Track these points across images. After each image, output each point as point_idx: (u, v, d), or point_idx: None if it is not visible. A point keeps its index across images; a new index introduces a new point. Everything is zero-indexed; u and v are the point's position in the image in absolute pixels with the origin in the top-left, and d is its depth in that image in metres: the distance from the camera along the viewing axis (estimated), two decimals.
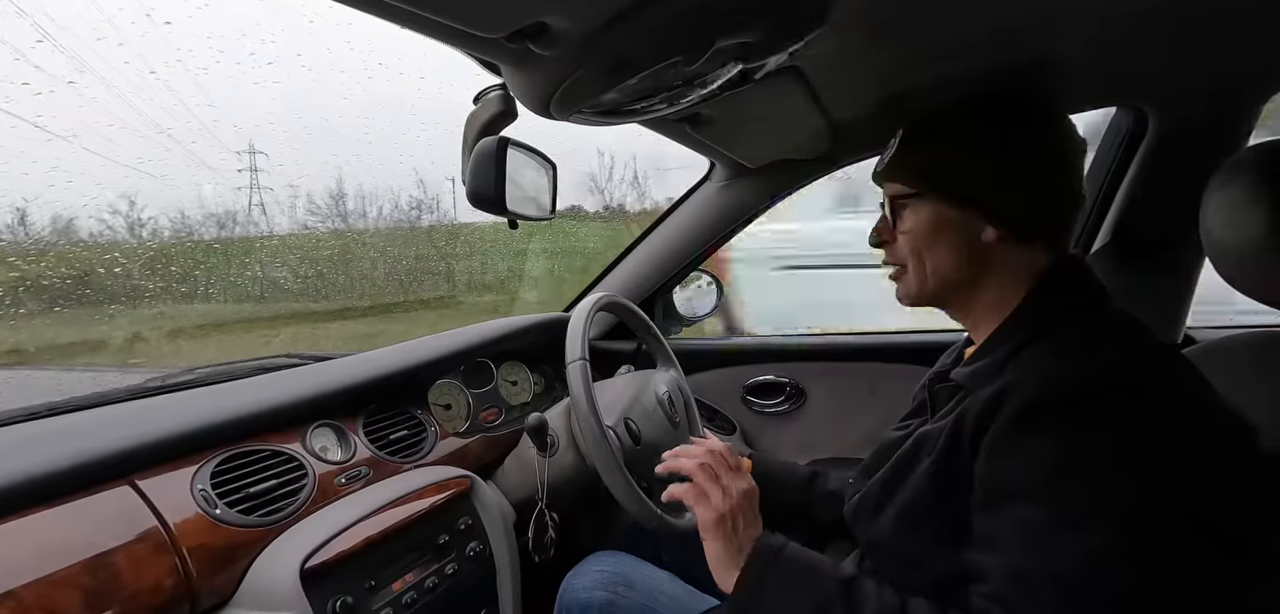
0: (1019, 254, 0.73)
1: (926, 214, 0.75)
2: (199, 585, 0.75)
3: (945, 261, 0.75)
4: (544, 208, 1.00)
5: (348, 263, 3.22)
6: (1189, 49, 0.88)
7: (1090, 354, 0.62)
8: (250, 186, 3.16)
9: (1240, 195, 0.73)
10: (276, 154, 3.19)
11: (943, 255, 0.75)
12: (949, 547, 0.67)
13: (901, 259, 0.78)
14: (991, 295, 0.74)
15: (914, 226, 0.76)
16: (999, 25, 0.76)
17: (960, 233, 0.73)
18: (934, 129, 0.76)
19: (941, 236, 0.74)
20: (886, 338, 1.62)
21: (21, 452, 0.74)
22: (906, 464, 0.74)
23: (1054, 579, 0.56)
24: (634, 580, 1.01)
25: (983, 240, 0.72)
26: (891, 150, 0.79)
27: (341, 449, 1.01)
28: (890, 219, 0.79)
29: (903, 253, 0.78)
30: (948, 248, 0.74)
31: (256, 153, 3.20)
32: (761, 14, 0.62)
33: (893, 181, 0.78)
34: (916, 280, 0.77)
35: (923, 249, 0.75)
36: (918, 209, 0.75)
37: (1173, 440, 0.57)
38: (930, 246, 0.75)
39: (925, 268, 0.76)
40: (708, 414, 1.60)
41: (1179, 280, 1.23)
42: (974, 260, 0.74)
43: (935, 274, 0.75)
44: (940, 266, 0.75)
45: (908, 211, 0.76)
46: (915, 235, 0.76)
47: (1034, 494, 0.58)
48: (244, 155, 3.17)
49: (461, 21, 0.56)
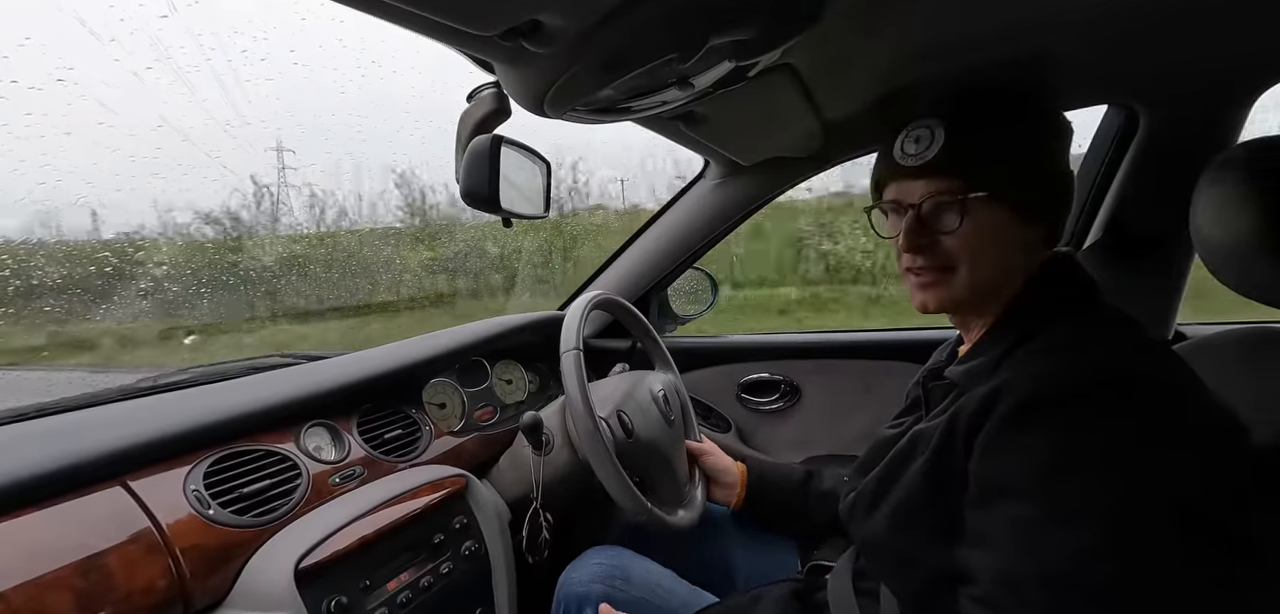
0: (1037, 252, 0.73)
1: (983, 216, 0.69)
2: (192, 586, 0.75)
3: (996, 266, 0.71)
4: (538, 206, 1.00)
5: (341, 261, 3.21)
6: (1179, 47, 0.89)
7: (1083, 351, 0.63)
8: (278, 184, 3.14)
9: (1230, 192, 0.73)
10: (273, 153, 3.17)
11: (995, 259, 0.70)
12: (942, 544, 0.67)
13: (945, 264, 0.72)
14: (1007, 296, 0.73)
15: (969, 229, 0.69)
16: (991, 24, 0.76)
17: (1011, 235, 0.70)
18: (984, 124, 0.71)
19: (997, 239, 0.70)
20: (879, 336, 1.63)
21: (11, 452, 0.73)
22: (901, 462, 0.74)
23: (1042, 579, 0.56)
24: (632, 575, 1.01)
25: (1026, 242, 0.70)
26: (936, 145, 0.71)
27: (336, 449, 1.01)
28: (923, 221, 0.72)
29: (949, 256, 0.71)
30: (1000, 251, 0.70)
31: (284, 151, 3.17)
32: (755, 12, 0.62)
33: (941, 178, 0.71)
34: (964, 286, 0.72)
35: (976, 252, 0.70)
36: (975, 211, 0.69)
37: (1165, 437, 0.57)
38: (983, 250, 0.70)
39: (973, 272, 0.71)
40: (703, 412, 1.60)
41: (1170, 277, 1.24)
42: (1016, 262, 0.71)
43: (983, 279, 0.71)
44: (990, 271, 0.71)
45: (956, 213, 0.70)
46: (969, 238, 0.70)
47: (1026, 492, 0.59)
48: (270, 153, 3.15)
49: (455, 19, 0.56)
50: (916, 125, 0.73)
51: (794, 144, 1.25)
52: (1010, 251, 0.71)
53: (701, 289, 1.77)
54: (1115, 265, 1.24)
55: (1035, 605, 0.56)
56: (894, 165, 0.75)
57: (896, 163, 0.74)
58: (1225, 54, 0.93)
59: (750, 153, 1.31)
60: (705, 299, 1.78)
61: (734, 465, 1.16)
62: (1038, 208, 0.71)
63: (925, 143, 0.71)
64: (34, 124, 1.43)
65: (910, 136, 0.73)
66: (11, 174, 1.55)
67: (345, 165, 3.49)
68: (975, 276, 0.71)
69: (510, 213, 0.89)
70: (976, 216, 0.69)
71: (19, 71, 1.33)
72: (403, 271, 3.42)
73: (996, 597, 0.59)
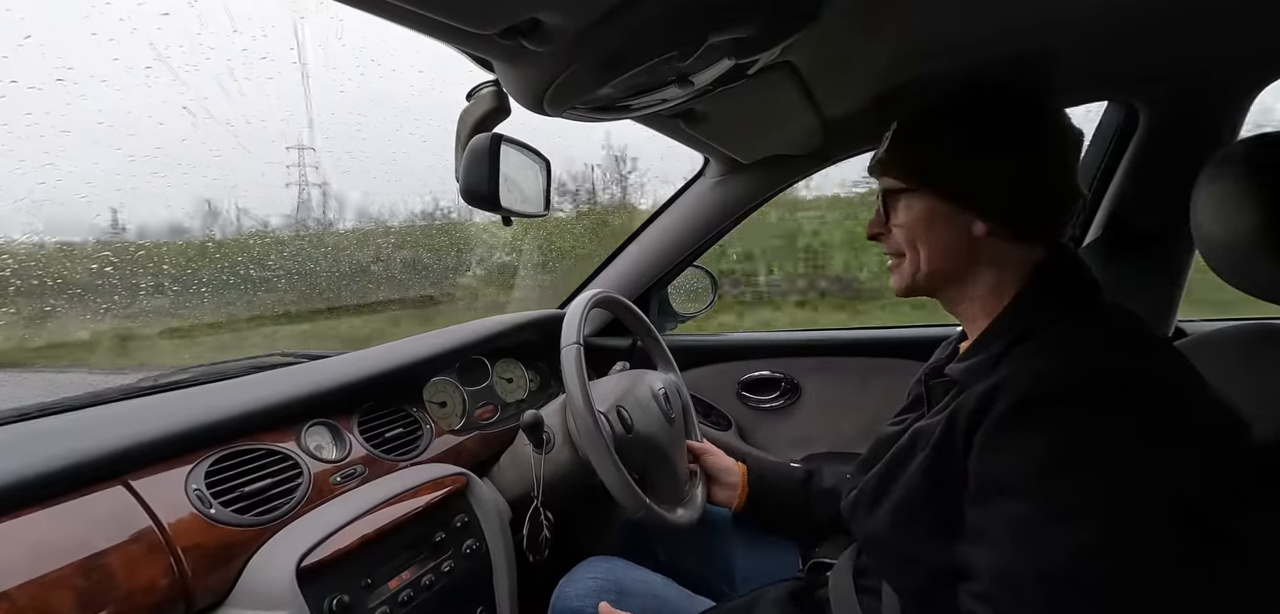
0: (1012, 249, 0.73)
1: (919, 208, 0.76)
2: (194, 585, 0.75)
3: (938, 254, 0.76)
4: (538, 204, 1.00)
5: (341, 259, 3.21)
6: (1178, 43, 0.89)
7: (1081, 349, 0.63)
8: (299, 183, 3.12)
9: (1230, 189, 0.73)
10: (274, 153, 3.16)
11: (935, 248, 0.76)
12: (943, 541, 0.67)
13: (897, 250, 0.80)
14: (984, 289, 0.75)
15: (907, 220, 0.77)
16: (990, 21, 0.76)
17: (951, 226, 0.74)
18: (925, 124, 0.77)
19: (933, 230, 0.76)
20: (879, 333, 1.63)
21: (14, 452, 0.73)
22: (902, 459, 0.74)
23: (1040, 577, 0.56)
24: (627, 586, 1.01)
25: (974, 234, 0.73)
26: (885, 145, 0.80)
27: (336, 448, 1.01)
28: (883, 212, 0.81)
29: (898, 243, 0.79)
30: (940, 241, 0.76)
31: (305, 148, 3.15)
32: (754, 10, 0.62)
33: (887, 175, 0.80)
34: (910, 271, 0.79)
35: (916, 241, 0.77)
36: (910, 203, 0.77)
37: (1164, 434, 0.57)
38: (923, 239, 0.77)
39: (919, 259, 0.77)
40: (703, 410, 1.61)
41: (1170, 274, 1.24)
42: (966, 254, 0.75)
43: (928, 266, 0.77)
44: (933, 259, 0.77)
45: (901, 205, 0.78)
46: (909, 228, 0.77)
47: (1025, 489, 0.59)
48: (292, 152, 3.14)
49: (454, 18, 0.56)
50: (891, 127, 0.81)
51: (794, 142, 1.25)
52: (955, 240, 0.75)
53: (702, 287, 1.77)
54: (1115, 262, 1.24)
55: (1033, 603, 0.57)
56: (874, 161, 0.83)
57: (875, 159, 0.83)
58: (1225, 50, 0.93)
59: (750, 150, 1.31)
60: (705, 297, 1.78)
61: (735, 465, 1.16)
62: (980, 200, 0.73)
63: (884, 142, 0.81)
64: (34, 123, 1.43)
65: (885, 135, 0.81)
66: (11, 173, 1.55)
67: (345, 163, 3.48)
68: (921, 262, 0.77)
69: (510, 211, 0.89)
70: (913, 207, 0.77)
71: (18, 71, 1.33)
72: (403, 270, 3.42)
73: (995, 594, 0.59)
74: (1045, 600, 0.56)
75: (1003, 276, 0.74)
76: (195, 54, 2.01)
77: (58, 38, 1.57)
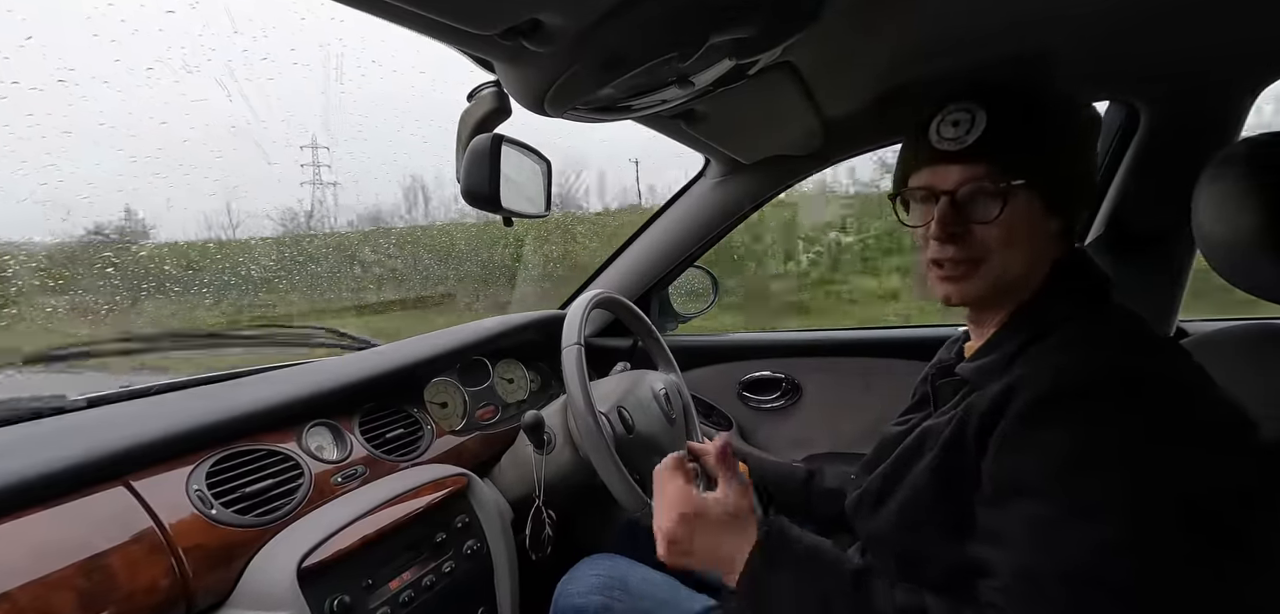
0: (1054, 246, 0.71)
1: (1020, 208, 0.67)
2: (195, 586, 0.75)
3: (1027, 259, 0.69)
4: (538, 205, 1.00)
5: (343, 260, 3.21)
6: (1180, 43, 0.89)
7: (1099, 347, 0.62)
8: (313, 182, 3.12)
9: (1231, 189, 0.73)
10: (276, 152, 3.17)
11: (1028, 253, 0.69)
12: (950, 541, 0.66)
13: (977, 255, 0.69)
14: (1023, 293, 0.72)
15: (1006, 221, 0.67)
16: (991, 21, 0.76)
17: (1042, 227, 0.69)
18: (1027, 116, 0.68)
19: (1031, 232, 0.68)
20: (880, 333, 1.63)
21: (15, 453, 0.73)
22: (908, 459, 0.74)
23: (1063, 577, 0.55)
24: (629, 584, 1.00)
25: (1049, 236, 0.69)
26: (977, 131, 0.68)
27: (337, 448, 1.01)
28: (956, 211, 0.70)
29: (983, 247, 0.69)
30: (1033, 245, 0.69)
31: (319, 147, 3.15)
32: (755, 10, 0.62)
33: (980, 162, 0.68)
34: (992, 277, 0.69)
35: (1012, 245, 0.68)
36: (1013, 201, 0.67)
37: (1181, 433, 0.57)
38: (1021, 242, 0.68)
39: (1008, 265, 0.69)
40: (704, 411, 1.60)
41: (1171, 274, 1.24)
42: (1041, 256, 0.70)
43: (1018, 271, 0.69)
44: (1024, 264, 0.69)
45: (991, 204, 0.68)
46: (1005, 229, 0.67)
47: (1044, 489, 0.58)
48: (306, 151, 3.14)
49: (455, 18, 0.56)
50: (954, 108, 0.70)
51: (794, 142, 1.25)
52: (1039, 245, 0.69)
53: (702, 287, 1.77)
54: (1116, 261, 1.24)
55: (1057, 602, 0.56)
56: (928, 149, 0.71)
57: (931, 146, 0.71)
58: (1226, 50, 0.93)
59: (750, 151, 1.31)
60: (706, 297, 1.78)
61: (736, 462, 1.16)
62: (1066, 201, 0.70)
63: (965, 126, 0.68)
64: (36, 124, 1.43)
65: (948, 119, 0.70)
66: (13, 175, 1.55)
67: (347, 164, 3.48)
68: (1005, 269, 0.69)
69: (511, 212, 0.89)
70: (1015, 205, 0.67)
71: (20, 72, 1.33)
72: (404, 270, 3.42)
73: (1017, 590, 0.58)
74: (1069, 599, 0.55)
75: (1036, 276, 0.71)
76: (196, 55, 2.01)
77: (59, 39, 1.58)
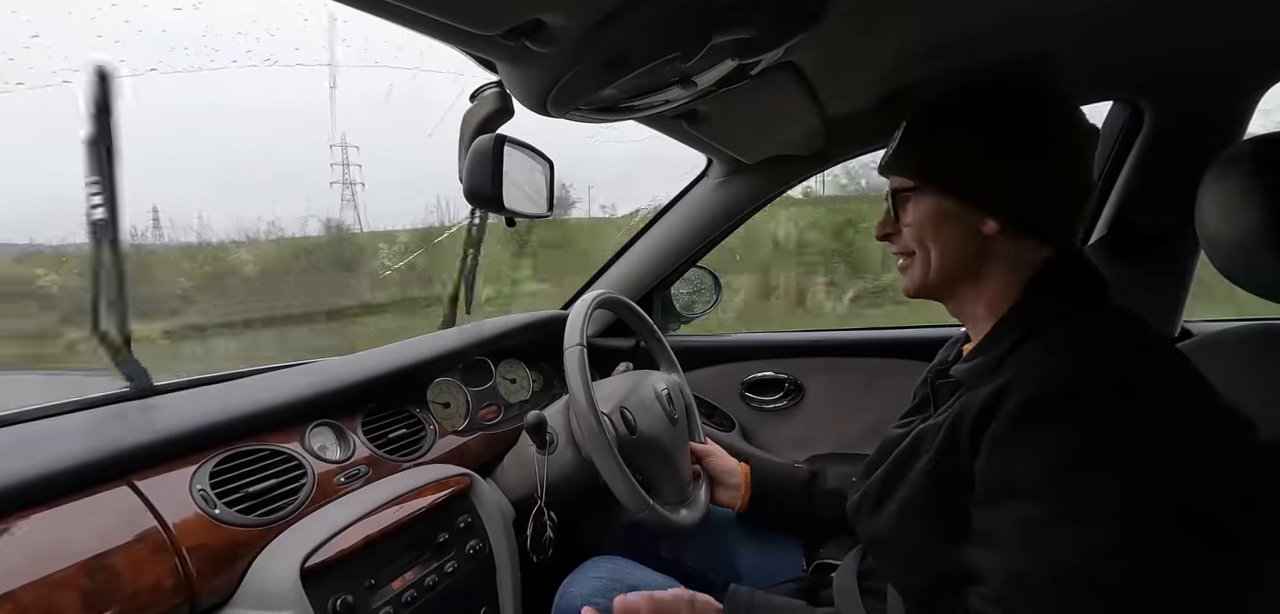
0: (1024, 247, 0.72)
1: (928, 207, 0.76)
2: (199, 585, 0.75)
3: (949, 253, 0.75)
4: (541, 205, 1.01)
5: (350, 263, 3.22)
6: (1183, 42, 0.88)
7: (1089, 348, 0.62)
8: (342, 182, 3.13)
9: (1236, 189, 0.73)
10: (282, 154, 3.18)
11: (946, 247, 0.75)
12: (947, 543, 0.67)
13: (907, 249, 0.79)
14: (994, 289, 0.74)
15: (917, 219, 0.77)
16: (993, 21, 0.76)
17: (961, 225, 0.74)
18: (934, 122, 0.77)
19: (943, 229, 0.75)
20: (883, 334, 1.62)
21: (20, 453, 0.73)
22: (906, 461, 0.74)
23: (1054, 580, 0.56)
24: (631, 585, 1.00)
25: (984, 233, 0.73)
26: (894, 143, 0.80)
27: (340, 448, 1.01)
28: (893, 212, 0.80)
29: (908, 243, 0.79)
30: (950, 240, 0.75)
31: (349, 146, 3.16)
32: (758, 10, 0.62)
33: (896, 174, 0.79)
34: (920, 271, 0.78)
35: (926, 240, 0.76)
36: (919, 202, 0.76)
37: (1173, 434, 0.57)
38: (933, 238, 0.76)
39: (930, 259, 0.76)
40: (706, 411, 1.60)
41: (1175, 274, 1.24)
42: (977, 253, 0.74)
43: (939, 265, 0.76)
44: (944, 258, 0.76)
45: (910, 204, 0.77)
46: (918, 227, 0.77)
47: (1035, 490, 0.58)
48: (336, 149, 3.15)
49: (458, 19, 0.56)
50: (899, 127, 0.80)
51: (797, 142, 1.25)
52: (965, 240, 0.74)
53: (705, 287, 1.77)
54: (1120, 262, 1.24)
55: (1047, 606, 0.56)
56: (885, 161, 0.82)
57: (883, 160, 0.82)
58: (1230, 49, 0.92)
59: (753, 151, 1.31)
60: (709, 298, 1.78)
61: (738, 467, 1.16)
62: (988, 199, 0.72)
63: (895, 140, 0.80)
64: (45, 125, 1.44)
65: (894, 136, 0.81)
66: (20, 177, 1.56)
67: None
68: (931, 261, 0.76)
69: (514, 212, 0.90)
70: (923, 206, 0.76)
71: (24, 73, 1.34)
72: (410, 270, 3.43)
73: (1008, 597, 0.59)
74: (1060, 603, 0.56)
75: (1012, 276, 0.73)
76: (200, 57, 2.02)
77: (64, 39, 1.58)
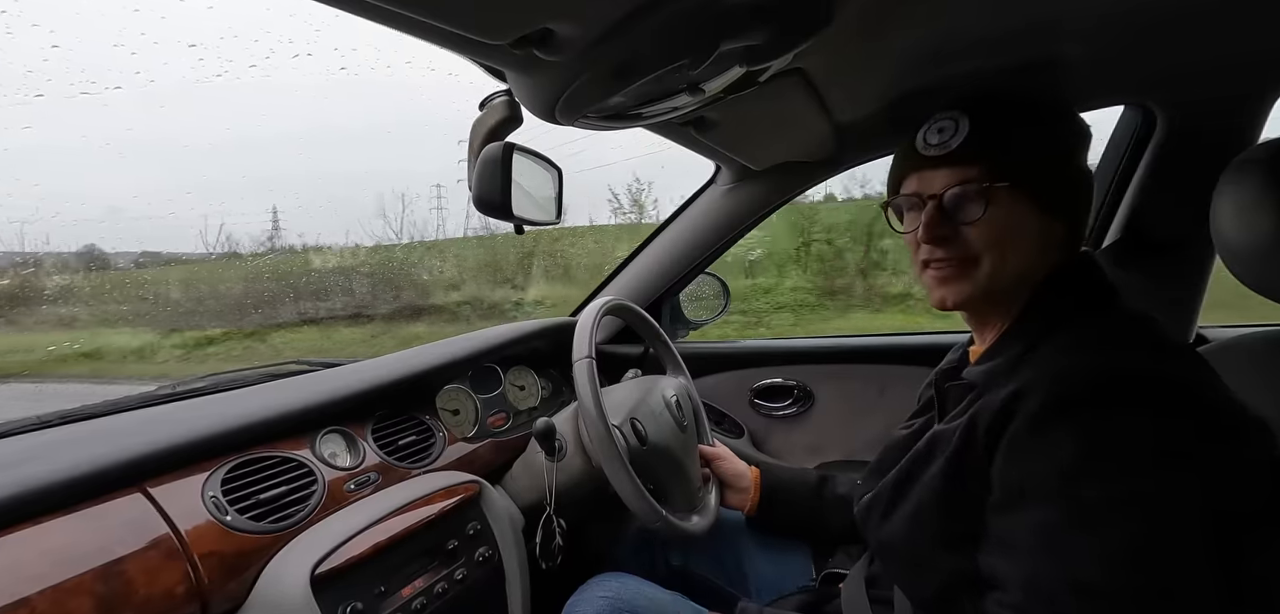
0: (1056, 252, 0.72)
1: (1006, 208, 0.69)
2: (210, 592, 0.75)
3: (1021, 260, 0.70)
4: (549, 212, 1.01)
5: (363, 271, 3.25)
6: (1197, 47, 0.87)
7: (1105, 351, 0.62)
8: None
9: (1250, 194, 0.72)
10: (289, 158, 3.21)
11: (1020, 253, 0.70)
12: (961, 548, 0.66)
13: (968, 255, 0.71)
14: (1024, 295, 0.72)
15: (993, 220, 0.69)
16: (1005, 26, 0.75)
17: (1036, 229, 0.70)
18: (1007, 117, 0.70)
19: (1021, 234, 0.69)
20: (893, 340, 1.62)
21: (34, 460, 0.74)
22: (919, 465, 0.73)
23: (1071, 585, 0.55)
24: (638, 604, 0.99)
25: (1050, 239, 0.70)
26: (961, 135, 0.70)
27: (350, 455, 1.02)
28: (942, 212, 0.72)
29: (971, 248, 0.70)
30: (1025, 247, 0.70)
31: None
32: (766, 17, 0.62)
33: (965, 165, 0.70)
34: (984, 278, 0.70)
35: (1002, 245, 0.69)
36: (999, 201, 0.69)
37: (1187, 437, 0.56)
38: (1011, 243, 0.69)
39: (999, 265, 0.70)
40: (716, 418, 1.60)
41: (1190, 280, 1.22)
42: (1041, 260, 0.70)
43: (1011, 272, 0.70)
44: (1018, 265, 0.70)
45: (979, 204, 0.69)
46: (992, 230, 0.69)
47: (1052, 495, 0.58)
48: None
49: (467, 29, 0.56)
50: (940, 117, 0.73)
51: (805, 148, 1.25)
52: (1032, 246, 0.70)
53: (714, 294, 1.77)
54: (1134, 267, 1.22)
55: (1065, 610, 0.56)
56: (915, 156, 0.74)
57: (918, 153, 0.74)
58: (1244, 53, 0.91)
59: (761, 157, 1.31)
60: (717, 304, 1.77)
61: (747, 470, 1.16)
62: (1060, 204, 0.70)
63: (949, 133, 0.71)
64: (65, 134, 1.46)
65: (933, 128, 0.73)
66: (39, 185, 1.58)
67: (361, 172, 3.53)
68: (997, 269, 0.70)
69: (523, 220, 0.90)
70: (1000, 206, 0.68)
71: (44, 85, 1.36)
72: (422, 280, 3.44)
73: (1026, 605, 0.58)
74: (1076, 608, 0.55)
75: (1035, 280, 0.72)
76: (216, 65, 2.04)
77: (83, 52, 1.61)
